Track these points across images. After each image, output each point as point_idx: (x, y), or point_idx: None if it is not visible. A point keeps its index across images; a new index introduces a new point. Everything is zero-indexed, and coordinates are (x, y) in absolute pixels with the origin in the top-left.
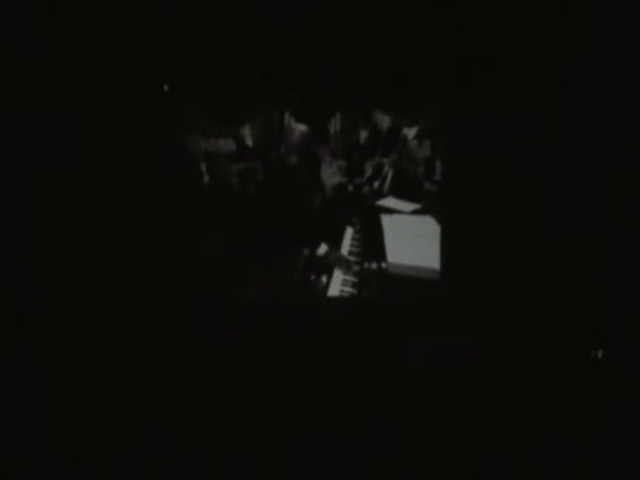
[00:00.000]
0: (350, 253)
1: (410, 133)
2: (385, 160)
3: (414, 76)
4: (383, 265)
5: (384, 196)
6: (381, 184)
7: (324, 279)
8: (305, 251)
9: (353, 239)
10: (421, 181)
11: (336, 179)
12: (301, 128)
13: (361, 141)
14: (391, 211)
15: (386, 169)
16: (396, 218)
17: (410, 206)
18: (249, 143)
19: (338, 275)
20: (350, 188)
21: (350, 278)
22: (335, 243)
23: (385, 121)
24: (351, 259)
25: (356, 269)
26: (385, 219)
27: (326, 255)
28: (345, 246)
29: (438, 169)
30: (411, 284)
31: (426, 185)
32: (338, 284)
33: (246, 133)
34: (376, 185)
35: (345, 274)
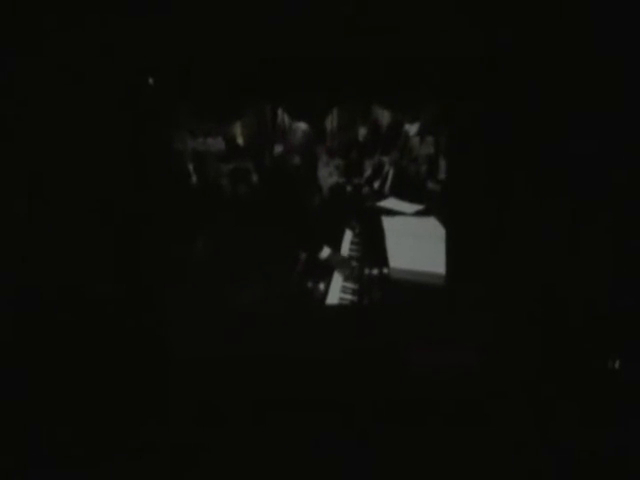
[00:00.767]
0: (349, 258)
1: (412, 129)
2: (385, 159)
3: (415, 71)
4: (385, 270)
5: (385, 197)
6: (381, 184)
7: (322, 286)
8: (303, 255)
9: (352, 243)
10: (424, 181)
11: (333, 179)
12: (303, 127)
13: (360, 138)
14: (392, 213)
15: (386, 168)
16: (398, 220)
17: (412, 207)
18: (240, 142)
19: (337, 281)
20: (349, 189)
21: (350, 285)
22: (333, 247)
23: (385, 117)
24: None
25: (356, 274)
26: (386, 221)
27: (329, 258)
28: (344, 250)
29: (442, 168)
30: (414, 290)
31: (429, 185)
32: (337, 291)
33: (237, 131)
34: (376, 185)
35: (345, 280)
